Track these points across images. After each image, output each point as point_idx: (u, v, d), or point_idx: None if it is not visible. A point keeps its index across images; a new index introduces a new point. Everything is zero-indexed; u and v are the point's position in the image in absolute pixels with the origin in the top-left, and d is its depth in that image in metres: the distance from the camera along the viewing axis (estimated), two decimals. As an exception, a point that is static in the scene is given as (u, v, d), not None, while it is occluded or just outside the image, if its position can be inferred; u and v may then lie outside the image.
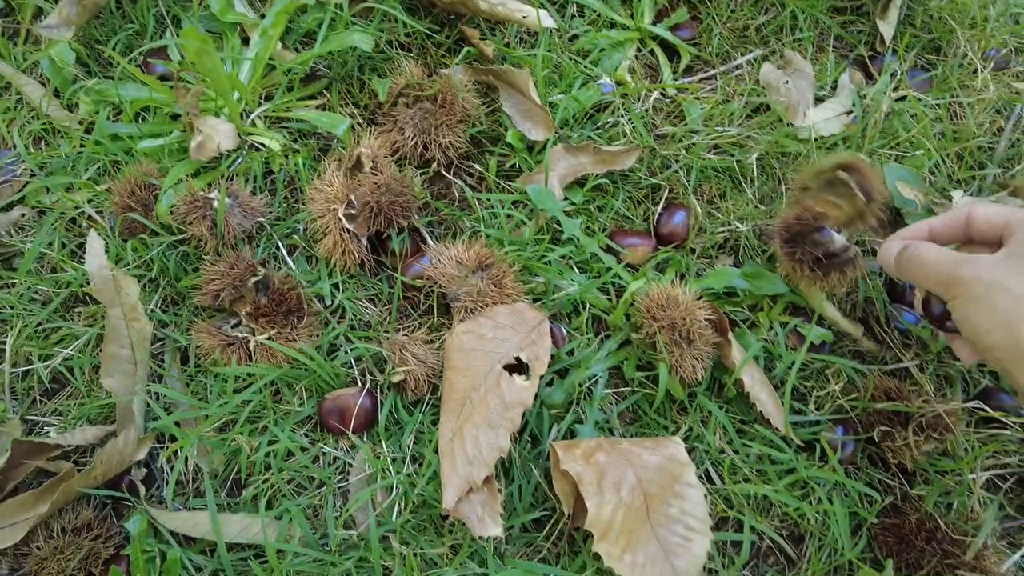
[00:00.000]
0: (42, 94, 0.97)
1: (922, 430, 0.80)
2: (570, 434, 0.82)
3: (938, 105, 1.02)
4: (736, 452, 0.82)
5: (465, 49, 0.98)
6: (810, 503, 0.80)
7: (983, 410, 0.84)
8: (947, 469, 0.84)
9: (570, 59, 1.01)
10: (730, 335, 0.82)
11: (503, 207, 0.92)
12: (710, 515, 0.73)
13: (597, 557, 0.73)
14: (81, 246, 0.91)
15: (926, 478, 0.84)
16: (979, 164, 1.00)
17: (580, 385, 0.84)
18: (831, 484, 0.81)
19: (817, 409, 0.85)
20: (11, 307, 0.87)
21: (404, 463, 0.80)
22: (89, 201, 0.90)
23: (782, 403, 0.82)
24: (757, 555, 0.82)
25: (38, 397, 0.86)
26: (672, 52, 1.07)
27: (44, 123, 0.96)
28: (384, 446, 0.80)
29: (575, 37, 1.05)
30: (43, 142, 0.98)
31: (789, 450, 0.81)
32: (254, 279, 0.83)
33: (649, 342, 0.83)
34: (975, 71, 1.05)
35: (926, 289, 0.65)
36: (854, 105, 1.01)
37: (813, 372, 0.87)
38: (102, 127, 0.92)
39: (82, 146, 0.94)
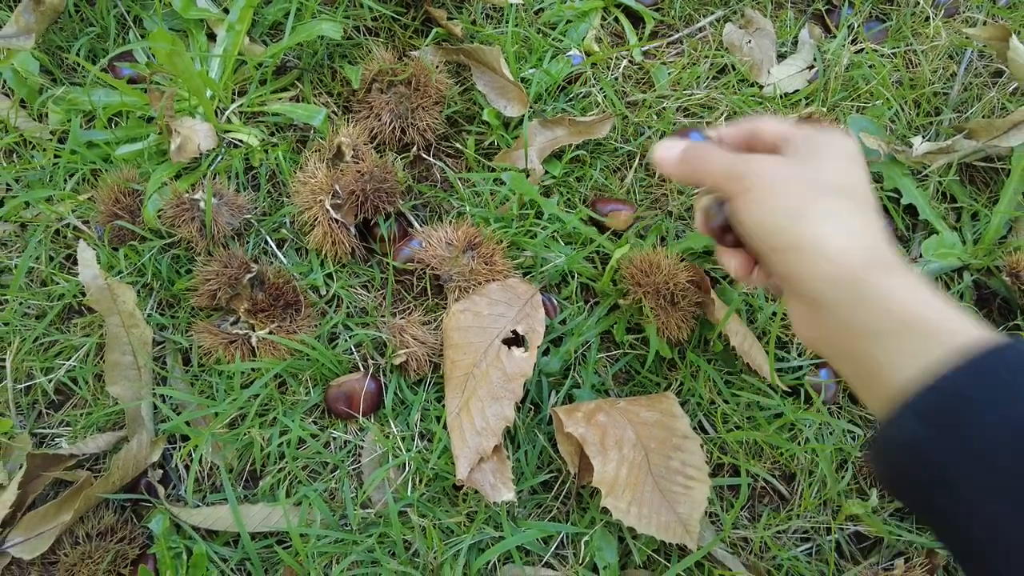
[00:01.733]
0: (8, 106, 0.95)
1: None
2: (569, 399, 0.86)
3: (894, 55, 1.06)
4: (726, 402, 0.87)
5: (434, 30, 0.99)
6: (798, 444, 0.86)
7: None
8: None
9: (538, 33, 1.03)
10: (712, 293, 0.86)
11: (486, 185, 0.94)
12: (707, 463, 0.78)
13: (605, 511, 0.77)
14: (69, 257, 0.91)
15: (902, 410, 0.89)
16: (935, 110, 1.04)
17: (574, 352, 0.87)
18: (817, 424, 0.87)
19: (799, 355, 0.90)
20: (5, 324, 0.88)
21: (414, 440, 0.83)
22: (73, 211, 0.90)
23: (766, 352, 0.86)
24: (753, 496, 0.87)
25: (44, 410, 0.87)
26: (637, 19, 1.09)
27: (15, 136, 0.95)
28: (393, 426, 0.83)
29: (540, 10, 1.06)
30: (15, 155, 0.97)
31: (776, 396, 0.86)
32: (249, 276, 0.85)
33: (636, 306, 0.86)
34: (927, 19, 1.09)
35: (708, 186, 0.58)
36: (815, 60, 1.04)
37: (793, 320, 0.92)
38: (76, 136, 0.91)
39: (57, 156, 0.93)
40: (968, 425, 0.39)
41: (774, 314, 0.86)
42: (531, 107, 0.97)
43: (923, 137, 1.00)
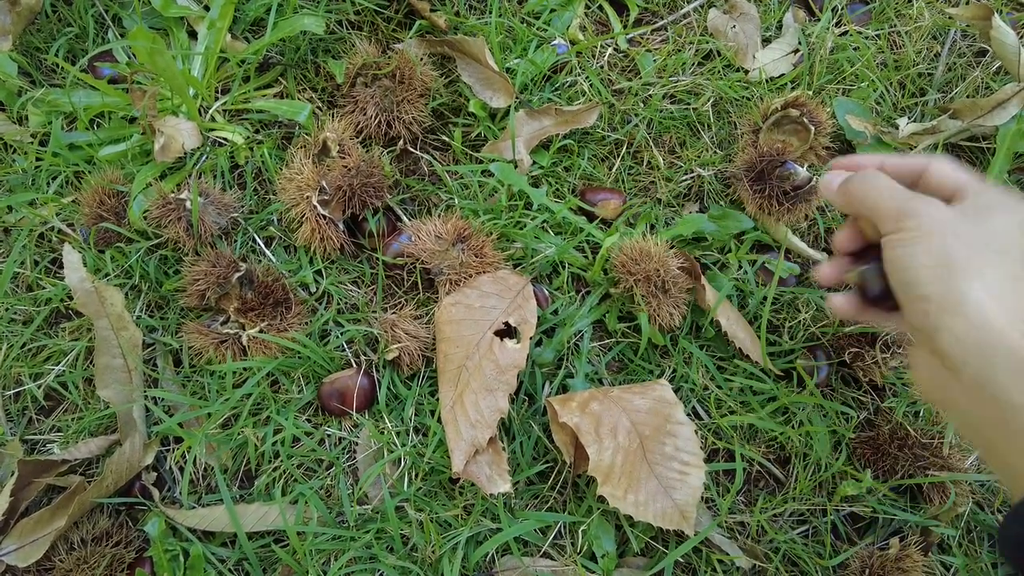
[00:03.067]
0: (-13, 110, 0.94)
1: (888, 348, 0.86)
2: (563, 388, 0.86)
3: (878, 36, 1.06)
4: (719, 387, 0.87)
5: (417, 22, 0.98)
6: (792, 427, 0.86)
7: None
8: (912, 381, 0.90)
9: (522, 22, 1.02)
10: (703, 279, 0.86)
11: (474, 177, 0.94)
12: (701, 448, 0.79)
13: (602, 500, 0.77)
14: (54, 261, 0.90)
15: (895, 391, 0.90)
16: (920, 91, 1.04)
17: (567, 342, 0.87)
18: (810, 407, 0.87)
19: (791, 339, 0.90)
20: (-8, 330, 0.87)
21: (408, 435, 0.83)
22: (57, 214, 0.89)
23: (758, 336, 0.87)
24: (748, 480, 0.87)
25: (34, 416, 0.86)
26: (621, 7, 1.09)
27: (-5, 140, 0.94)
28: (387, 421, 0.83)
29: (524, 0, 1.05)
30: (-5, 159, 0.96)
31: (769, 380, 0.86)
32: (237, 275, 0.84)
33: (627, 295, 0.86)
34: (910, 0, 1.09)
35: (863, 216, 0.57)
36: (800, 44, 1.04)
37: (784, 304, 0.92)
38: (58, 138, 0.90)
39: (39, 159, 0.92)
40: None
41: (765, 299, 0.86)
42: (517, 97, 0.97)
43: (909, 118, 1.00)
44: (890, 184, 0.55)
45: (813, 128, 0.91)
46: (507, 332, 0.83)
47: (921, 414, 0.89)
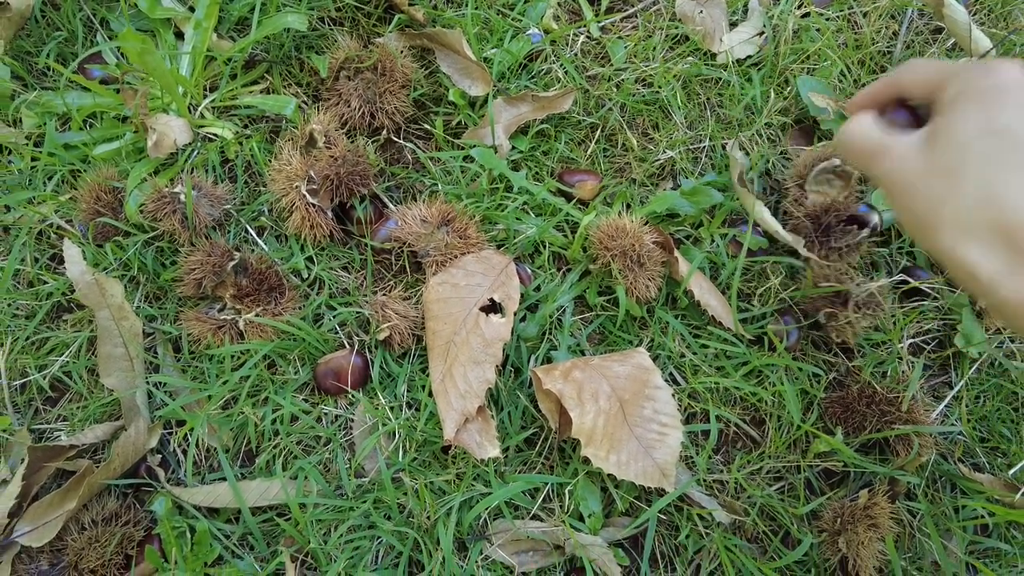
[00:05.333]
0: (-18, 114, 0.97)
1: (859, 308, 0.90)
2: (547, 360, 0.90)
3: (839, 17, 1.11)
4: (695, 354, 0.91)
5: (397, 16, 1.02)
6: (765, 389, 0.91)
7: (906, 282, 0.96)
8: (880, 341, 0.95)
9: (497, 14, 1.06)
10: (676, 253, 0.91)
11: (456, 163, 0.98)
12: (679, 411, 0.83)
13: (586, 461, 0.82)
14: (53, 257, 0.94)
15: (863, 352, 0.95)
16: (880, 68, 1.09)
17: (550, 317, 0.91)
18: (782, 369, 0.92)
19: (761, 305, 0.95)
20: (-4, 325, 0.90)
21: (402, 410, 0.87)
22: (56, 211, 0.92)
23: (729, 304, 0.91)
24: (725, 441, 0.92)
25: (40, 406, 0.90)
26: (592, -4, 1.13)
27: (-10, 142, 0.97)
28: (380, 397, 0.87)
29: (499, -8, 1.09)
30: (-9, 161, 0.99)
31: (741, 345, 0.91)
32: (232, 263, 0.88)
33: (606, 270, 0.91)
34: (868, -20, 1.14)
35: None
36: (765, 26, 1.09)
37: (755, 274, 0.97)
38: (53, 138, 0.93)
39: (35, 160, 0.95)
40: None
41: (735, 269, 0.91)
42: (495, 86, 1.01)
43: (869, 94, 1.05)
44: (859, 139, 0.54)
45: (855, 173, 0.96)
46: (492, 308, 0.87)
47: (888, 373, 0.94)
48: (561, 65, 1.05)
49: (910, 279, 0.96)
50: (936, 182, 0.47)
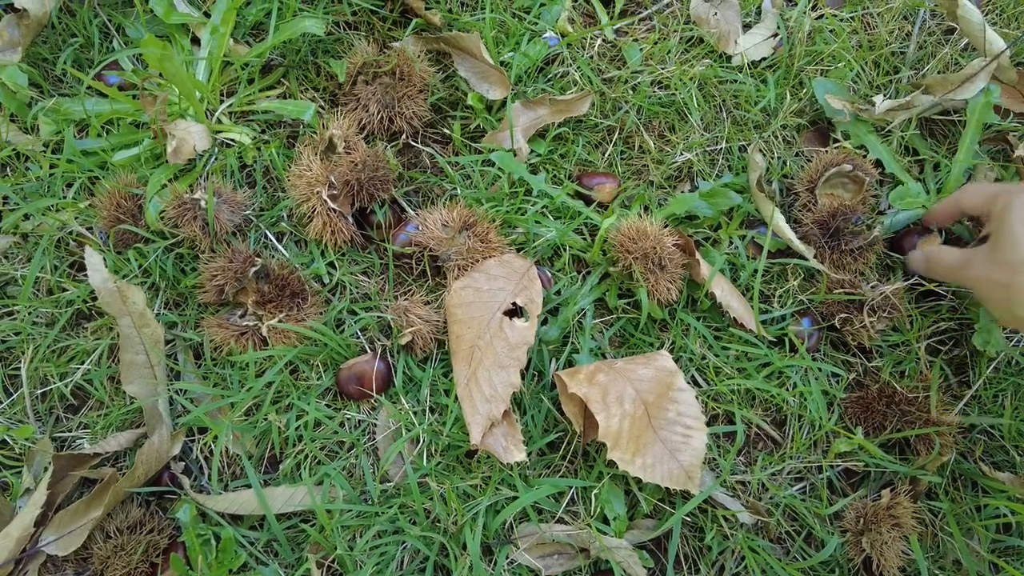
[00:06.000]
0: (-1, 120, 0.97)
1: (874, 311, 0.91)
2: (569, 364, 0.90)
3: (852, 19, 1.11)
4: (716, 355, 0.92)
5: (413, 21, 1.02)
6: (787, 390, 0.91)
7: (921, 284, 0.96)
8: (897, 342, 0.96)
9: (513, 17, 1.06)
10: (697, 255, 0.91)
11: (475, 167, 0.98)
12: (702, 413, 0.83)
13: (611, 465, 0.82)
14: (73, 265, 0.94)
15: (881, 352, 0.96)
16: (894, 69, 1.10)
17: (571, 320, 0.92)
18: (802, 370, 0.92)
19: (781, 306, 0.95)
20: (17, 333, 0.90)
21: (425, 415, 0.87)
22: (76, 218, 0.92)
23: (751, 306, 0.92)
24: (747, 443, 0.92)
25: (62, 415, 0.90)
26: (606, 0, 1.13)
27: (8, 150, 0.96)
28: (404, 402, 0.87)
29: (514, -5, 1.09)
30: (8, 169, 0.98)
31: (762, 346, 0.91)
32: (254, 269, 0.87)
33: (626, 273, 0.91)
34: (881, -18, 1.14)
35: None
36: (779, 28, 1.09)
37: (774, 275, 0.97)
38: (71, 145, 0.93)
39: (53, 167, 0.95)
40: None
41: (755, 271, 0.91)
42: (513, 89, 1.01)
43: (884, 95, 1.06)
44: (946, 262, 0.84)
45: (867, 178, 0.96)
46: (515, 312, 0.87)
47: (906, 373, 0.94)
48: (578, 68, 1.05)
49: (925, 281, 0.97)
50: (1004, 272, 0.74)
